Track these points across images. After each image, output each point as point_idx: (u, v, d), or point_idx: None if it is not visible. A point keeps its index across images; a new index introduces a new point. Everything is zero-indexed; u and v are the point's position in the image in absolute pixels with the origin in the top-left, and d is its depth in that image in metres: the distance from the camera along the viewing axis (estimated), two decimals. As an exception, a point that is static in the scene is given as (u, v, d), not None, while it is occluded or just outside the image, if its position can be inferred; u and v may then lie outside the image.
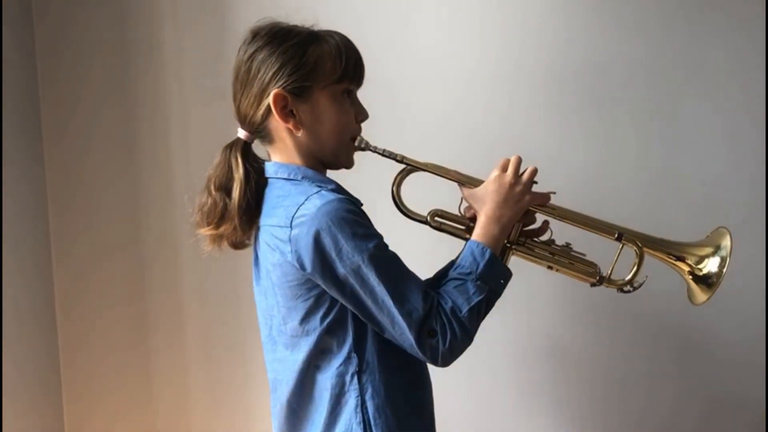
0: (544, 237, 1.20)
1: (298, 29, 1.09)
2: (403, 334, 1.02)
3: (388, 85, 1.68)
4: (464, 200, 1.17)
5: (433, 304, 1.03)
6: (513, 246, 1.16)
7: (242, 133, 1.13)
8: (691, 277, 1.17)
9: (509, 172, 1.12)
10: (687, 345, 1.69)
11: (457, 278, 1.06)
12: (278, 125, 1.09)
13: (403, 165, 1.16)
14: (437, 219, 1.19)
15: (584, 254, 1.19)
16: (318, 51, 1.07)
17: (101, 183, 1.88)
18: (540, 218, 1.19)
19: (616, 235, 1.16)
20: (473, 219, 1.16)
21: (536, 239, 1.19)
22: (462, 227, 1.19)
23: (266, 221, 1.09)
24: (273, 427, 1.19)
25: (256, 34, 1.09)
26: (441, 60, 1.71)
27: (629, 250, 1.16)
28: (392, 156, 1.14)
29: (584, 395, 1.74)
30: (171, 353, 1.92)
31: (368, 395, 1.07)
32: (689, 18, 1.61)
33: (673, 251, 1.18)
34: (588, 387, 1.74)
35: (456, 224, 1.19)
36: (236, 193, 1.09)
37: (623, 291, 1.18)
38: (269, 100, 1.06)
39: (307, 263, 1.02)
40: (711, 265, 1.15)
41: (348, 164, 1.15)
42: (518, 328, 1.74)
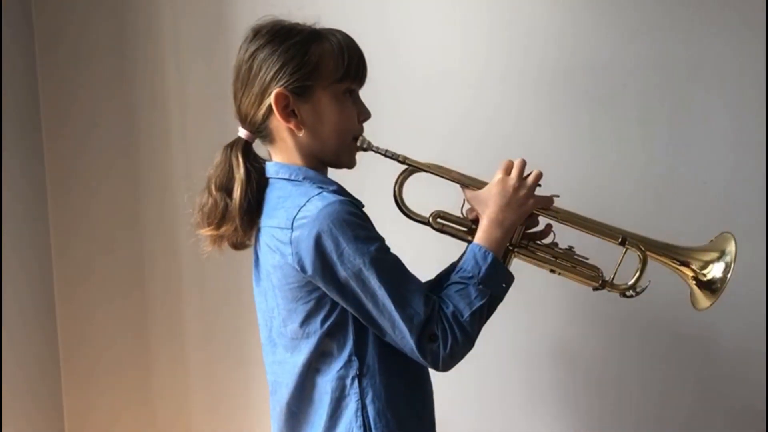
0: (547, 240, 1.18)
1: (300, 28, 1.08)
2: (404, 338, 1.01)
3: (391, 85, 1.66)
4: (467, 202, 1.16)
5: (435, 309, 1.02)
6: (515, 249, 1.15)
7: (243, 133, 1.12)
8: (695, 283, 1.16)
9: (513, 175, 1.11)
10: (695, 349, 1.68)
11: (459, 282, 1.05)
12: (279, 125, 1.08)
13: (405, 166, 1.15)
14: (439, 220, 1.17)
15: (587, 258, 1.18)
16: (320, 50, 1.06)
17: (101, 179, 1.88)
18: (543, 221, 1.18)
19: (620, 239, 1.15)
20: (476, 221, 1.15)
21: (539, 242, 1.18)
22: (464, 229, 1.18)
23: (267, 222, 1.08)
24: (272, 430, 1.19)
25: (258, 33, 1.07)
26: (445, 60, 1.69)
27: (633, 254, 1.15)
28: (394, 156, 1.13)
29: (582, 398, 1.74)
30: (171, 349, 1.92)
31: (369, 399, 1.06)
32: (694, 19, 1.59)
33: (678, 256, 1.17)
34: (588, 390, 1.73)
35: (458, 226, 1.18)
36: (237, 194, 1.08)
37: (625, 296, 1.16)
38: (270, 100, 1.05)
39: (308, 266, 1.00)
40: (715, 271, 1.14)
41: (350, 164, 1.14)
42: (519, 332, 1.73)
